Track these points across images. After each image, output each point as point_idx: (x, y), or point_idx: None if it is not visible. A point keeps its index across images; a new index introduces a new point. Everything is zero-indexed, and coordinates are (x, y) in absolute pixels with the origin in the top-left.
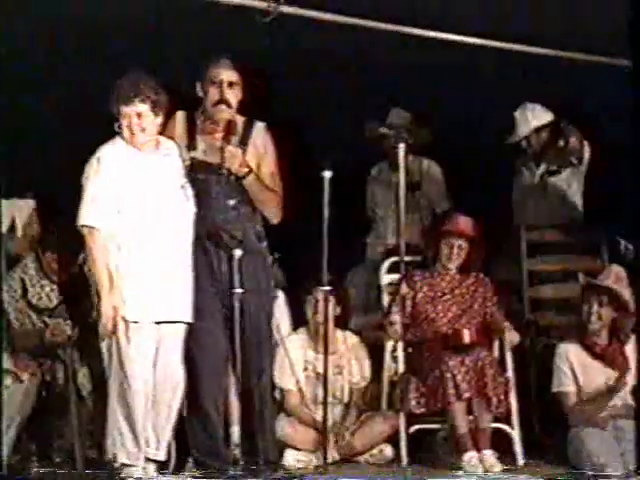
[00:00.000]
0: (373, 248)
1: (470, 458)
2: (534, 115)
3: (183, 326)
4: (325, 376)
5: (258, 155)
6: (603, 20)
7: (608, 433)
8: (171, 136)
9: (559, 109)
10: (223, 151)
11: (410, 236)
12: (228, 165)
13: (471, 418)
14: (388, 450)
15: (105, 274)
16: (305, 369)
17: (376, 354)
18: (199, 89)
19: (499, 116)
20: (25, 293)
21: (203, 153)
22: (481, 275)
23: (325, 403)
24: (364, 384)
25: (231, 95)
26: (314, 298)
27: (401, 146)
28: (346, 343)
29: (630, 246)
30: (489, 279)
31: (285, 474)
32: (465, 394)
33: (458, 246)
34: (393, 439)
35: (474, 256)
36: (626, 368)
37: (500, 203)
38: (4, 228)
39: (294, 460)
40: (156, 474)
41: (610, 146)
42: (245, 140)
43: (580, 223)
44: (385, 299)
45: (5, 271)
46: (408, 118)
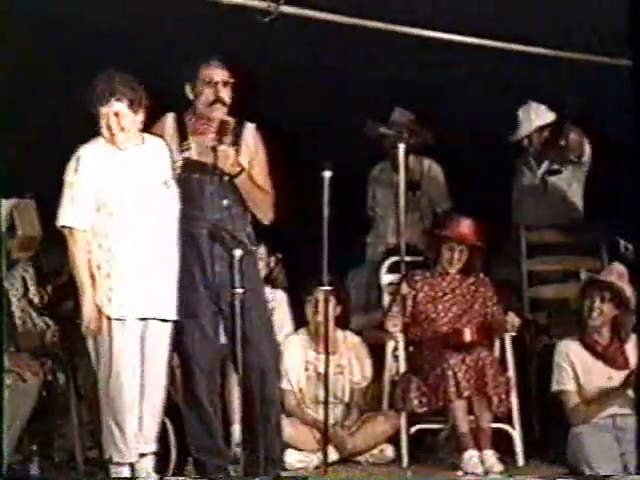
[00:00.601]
0: (373, 248)
1: (470, 457)
2: (538, 114)
3: (169, 323)
4: (326, 376)
5: (250, 155)
6: (603, 20)
7: (608, 433)
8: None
9: (559, 109)
10: (216, 151)
11: (410, 236)
12: (221, 165)
13: (472, 418)
14: (389, 450)
15: (87, 274)
16: (306, 369)
17: (377, 354)
18: (189, 90)
19: (499, 116)
20: (26, 292)
21: (196, 153)
22: (482, 275)
23: (326, 403)
24: (365, 384)
25: (225, 95)
26: (314, 298)
27: (401, 146)
28: (347, 343)
29: (630, 246)
30: (489, 279)
31: (285, 474)
32: (466, 392)
33: (459, 251)
34: (394, 439)
35: (475, 259)
36: (627, 368)
37: (500, 203)
38: (4, 228)
39: (295, 460)
40: (156, 475)
41: (610, 146)
42: (237, 140)
43: (580, 223)
44: (385, 299)
45: (5, 271)
46: (411, 117)
